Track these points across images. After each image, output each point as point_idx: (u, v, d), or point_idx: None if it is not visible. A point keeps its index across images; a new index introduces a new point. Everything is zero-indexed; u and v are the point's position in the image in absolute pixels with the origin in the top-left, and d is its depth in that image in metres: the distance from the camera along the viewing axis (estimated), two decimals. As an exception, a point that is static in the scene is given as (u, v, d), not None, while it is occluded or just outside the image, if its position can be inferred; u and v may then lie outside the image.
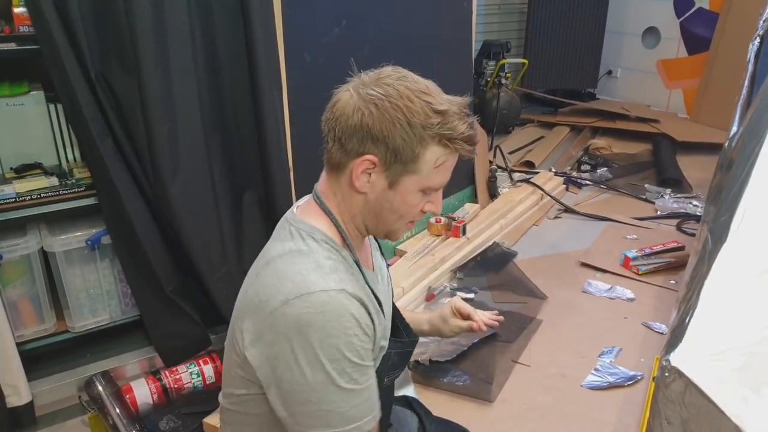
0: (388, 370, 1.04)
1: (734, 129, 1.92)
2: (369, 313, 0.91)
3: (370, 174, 0.91)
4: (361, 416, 0.89)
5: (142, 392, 1.72)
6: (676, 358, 0.77)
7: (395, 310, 1.16)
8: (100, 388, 1.69)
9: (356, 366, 0.87)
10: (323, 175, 0.99)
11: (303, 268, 0.90)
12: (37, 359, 1.78)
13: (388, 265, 2.49)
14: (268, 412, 0.93)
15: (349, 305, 0.87)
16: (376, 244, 1.15)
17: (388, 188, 0.92)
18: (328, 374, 0.85)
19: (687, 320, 0.84)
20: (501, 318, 1.41)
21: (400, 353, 1.07)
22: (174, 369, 1.78)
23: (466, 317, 1.34)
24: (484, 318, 1.35)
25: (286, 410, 0.89)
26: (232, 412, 1.00)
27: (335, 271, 0.90)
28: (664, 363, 0.77)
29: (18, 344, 1.65)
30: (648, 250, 2.68)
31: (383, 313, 1.00)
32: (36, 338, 1.74)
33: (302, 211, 0.98)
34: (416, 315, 1.40)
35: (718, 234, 1.03)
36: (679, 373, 0.75)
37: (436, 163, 0.90)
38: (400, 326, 1.16)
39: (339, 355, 0.85)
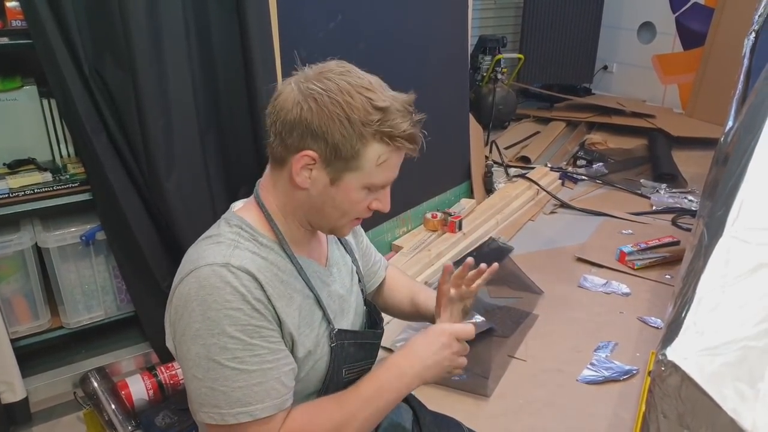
0: (345, 362, 1.00)
1: (730, 124, 1.92)
2: (265, 291, 0.87)
3: (311, 170, 0.89)
4: (249, 401, 0.85)
5: (138, 388, 1.71)
6: (672, 353, 0.77)
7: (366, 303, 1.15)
8: (96, 384, 1.68)
9: (241, 342, 0.84)
10: (267, 169, 0.98)
11: (203, 248, 0.90)
12: (32, 355, 1.77)
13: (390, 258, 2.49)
14: None
15: (231, 278, 0.84)
16: (335, 237, 1.11)
17: (330, 185, 0.90)
18: (208, 349, 0.83)
19: (683, 314, 0.84)
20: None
21: (358, 344, 1.03)
22: (169, 365, 1.78)
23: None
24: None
25: (187, 390, 0.88)
26: None
27: (233, 248, 0.88)
28: (660, 357, 0.77)
29: (12, 341, 1.64)
30: (643, 245, 2.68)
31: (320, 304, 0.97)
32: (30, 334, 1.73)
33: (240, 207, 0.98)
34: (409, 285, 1.27)
35: (714, 228, 1.03)
36: (675, 368, 0.75)
37: (378, 160, 0.88)
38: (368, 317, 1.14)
39: (219, 329, 0.83)
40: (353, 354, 1.02)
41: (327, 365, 0.98)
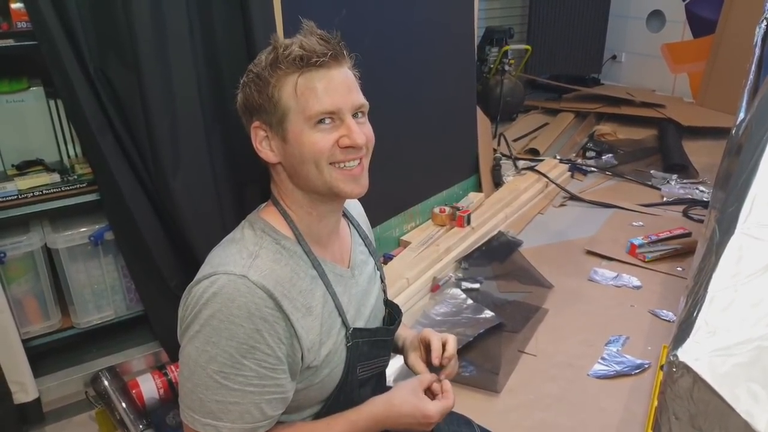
0: (359, 360, 1.00)
1: (741, 115, 1.89)
2: (281, 308, 0.87)
3: (270, 142, 0.94)
4: (220, 416, 0.86)
5: (149, 387, 1.72)
6: (684, 354, 0.76)
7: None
8: (107, 383, 1.69)
9: (231, 358, 0.84)
10: None
11: (226, 252, 0.91)
12: (43, 356, 1.78)
13: (392, 256, 2.49)
14: None
15: (245, 291, 0.84)
16: (360, 239, 1.12)
17: (285, 143, 0.92)
18: (199, 354, 0.85)
19: (695, 314, 0.83)
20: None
21: (372, 342, 1.03)
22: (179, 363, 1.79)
23: (428, 347, 1.12)
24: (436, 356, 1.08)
25: None
26: None
27: (253, 257, 0.89)
28: (671, 358, 0.76)
29: (24, 341, 1.65)
30: (654, 237, 2.66)
31: (340, 311, 0.97)
32: (41, 335, 1.74)
33: (263, 208, 1.01)
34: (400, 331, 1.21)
35: (726, 225, 1.02)
36: (687, 369, 0.74)
37: (297, 91, 0.88)
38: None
39: (215, 339, 0.84)
40: (367, 352, 1.02)
41: (343, 367, 0.98)
